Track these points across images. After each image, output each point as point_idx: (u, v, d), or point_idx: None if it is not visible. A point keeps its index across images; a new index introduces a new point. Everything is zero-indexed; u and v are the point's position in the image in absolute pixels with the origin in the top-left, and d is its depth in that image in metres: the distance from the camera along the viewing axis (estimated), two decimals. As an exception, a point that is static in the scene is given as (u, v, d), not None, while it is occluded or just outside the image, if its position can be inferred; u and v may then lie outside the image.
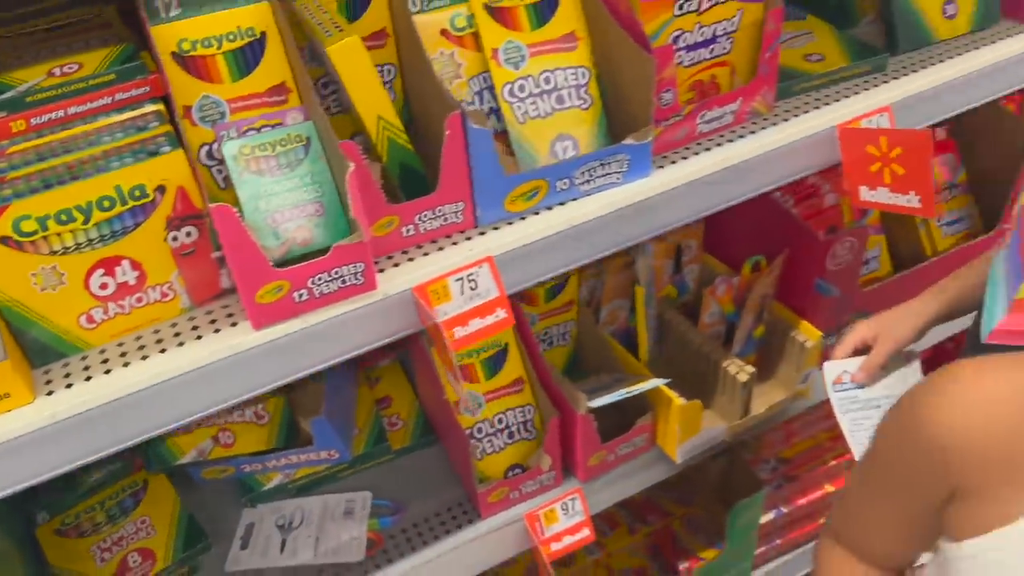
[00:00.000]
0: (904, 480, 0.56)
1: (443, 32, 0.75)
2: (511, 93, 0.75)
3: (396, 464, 0.99)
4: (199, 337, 0.64)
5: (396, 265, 0.69)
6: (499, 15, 0.75)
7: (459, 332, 0.70)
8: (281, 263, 0.63)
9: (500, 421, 0.92)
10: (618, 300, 1.02)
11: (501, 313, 0.71)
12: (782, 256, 0.96)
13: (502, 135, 0.76)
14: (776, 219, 0.99)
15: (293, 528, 0.91)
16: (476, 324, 0.70)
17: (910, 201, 0.75)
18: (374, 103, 0.68)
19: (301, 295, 0.64)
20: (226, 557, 0.90)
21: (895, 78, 0.87)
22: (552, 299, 0.98)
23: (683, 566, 1.13)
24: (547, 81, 0.76)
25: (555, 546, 0.93)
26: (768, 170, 0.81)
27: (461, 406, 0.89)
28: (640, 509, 1.24)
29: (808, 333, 0.97)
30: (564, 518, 0.93)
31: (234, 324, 0.65)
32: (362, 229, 0.63)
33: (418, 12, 0.75)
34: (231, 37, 0.67)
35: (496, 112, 0.76)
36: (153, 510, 0.89)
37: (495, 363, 0.91)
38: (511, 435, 0.92)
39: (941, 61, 0.88)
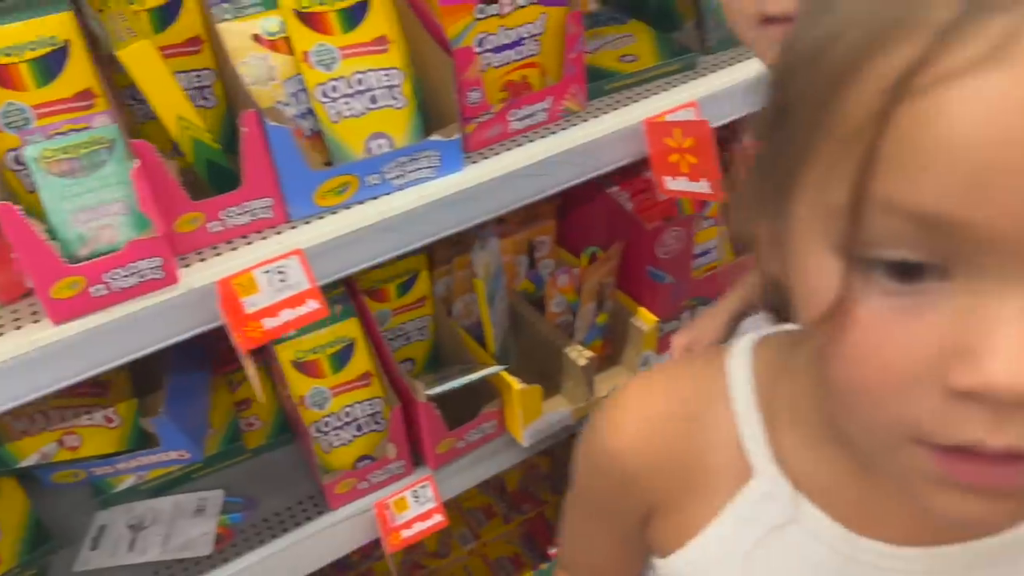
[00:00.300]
0: (603, 504, 0.56)
1: (255, 37, 0.78)
2: (324, 94, 0.78)
3: (253, 463, 1.02)
4: (1, 334, 0.66)
5: (203, 260, 0.72)
6: (309, 20, 0.78)
7: (269, 323, 0.73)
8: (79, 260, 0.66)
9: (348, 414, 0.94)
10: (469, 295, 1.06)
11: (313, 304, 0.74)
12: (616, 246, 1.01)
13: (318, 135, 0.80)
14: (613, 213, 1.04)
15: (144, 527, 0.93)
16: (287, 315, 0.73)
17: (703, 188, 0.80)
18: (172, 104, 0.70)
19: (98, 290, 0.66)
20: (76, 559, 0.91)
21: (703, 75, 0.92)
22: (404, 295, 1.02)
23: (552, 551, 1.17)
24: (360, 82, 0.79)
25: (406, 533, 0.96)
26: (579, 163, 0.85)
27: (307, 400, 0.92)
28: (516, 499, 1.27)
29: (645, 318, 1.02)
30: (415, 505, 0.96)
31: (36, 321, 0.67)
32: (154, 224, 0.65)
33: (231, 19, 0.78)
34: (33, 46, 0.70)
35: (312, 112, 0.79)
36: None
37: (341, 358, 0.93)
38: (359, 427, 0.95)
39: (748, 59, 0.94)
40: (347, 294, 0.94)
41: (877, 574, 0.45)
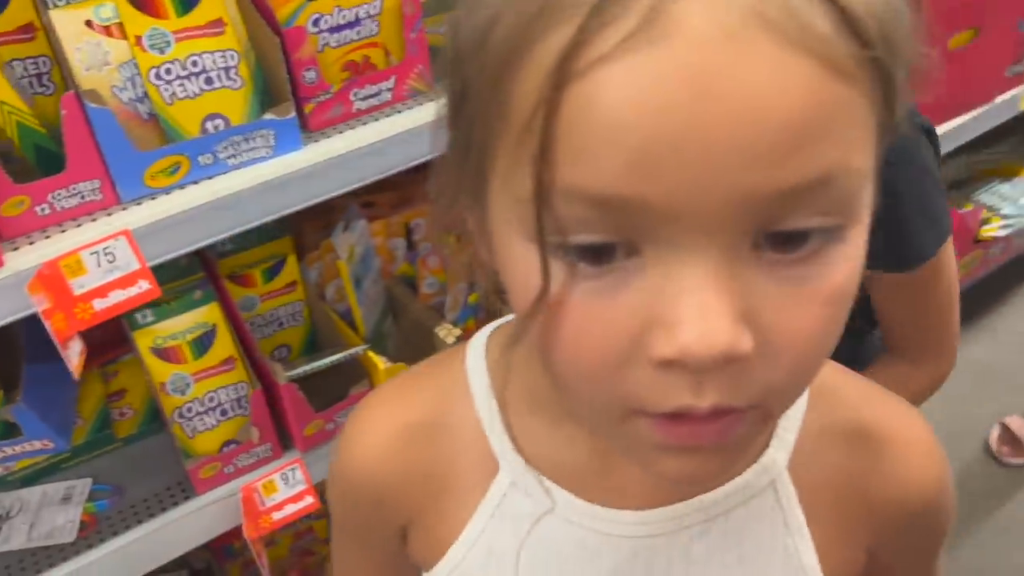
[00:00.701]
0: (359, 528, 0.55)
1: (88, 23, 0.78)
2: (157, 76, 0.79)
3: (124, 452, 1.02)
4: None
5: (31, 243, 0.73)
6: (142, 5, 0.79)
7: (99, 304, 0.73)
8: None
9: (211, 400, 0.95)
10: (340, 279, 1.07)
11: (144, 284, 0.75)
12: (482, 226, 1.03)
13: (155, 118, 0.80)
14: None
15: (10, 517, 0.93)
16: (117, 296, 0.74)
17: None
18: (-11, 89, 0.71)
19: (-85, 273, 0.67)
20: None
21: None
22: (270, 280, 1.02)
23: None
24: (195, 64, 0.80)
25: (277, 515, 0.97)
26: (425, 141, 0.87)
27: (168, 387, 0.93)
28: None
29: (514, 297, 1.04)
30: (285, 488, 0.97)
31: None
32: (-33, 206, 0.66)
33: (63, 6, 0.78)
34: None
35: (147, 96, 0.80)
36: None
37: (202, 344, 0.94)
38: (224, 412, 0.96)
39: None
40: (207, 280, 0.95)
41: (636, 543, 0.47)
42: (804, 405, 0.48)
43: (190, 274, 0.94)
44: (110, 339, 1.08)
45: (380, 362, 0.96)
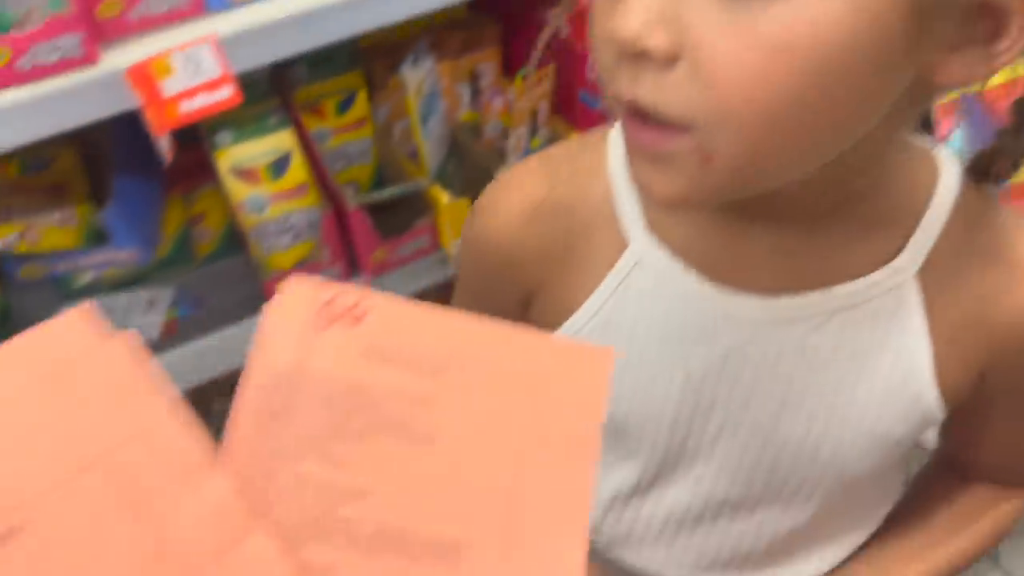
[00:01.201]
0: (483, 289, 0.58)
1: None
2: None
3: (203, 270, 1.09)
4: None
5: (124, 44, 0.77)
6: None
7: (185, 106, 0.78)
8: (0, 32, 0.71)
9: (286, 221, 1.01)
10: (407, 119, 1.10)
11: (227, 91, 0.79)
12: (548, 68, 1.04)
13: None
14: (551, 38, 1.06)
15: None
16: (202, 100, 0.79)
17: None
18: None
19: (23, 64, 0.72)
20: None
21: None
22: (342, 114, 1.06)
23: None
24: None
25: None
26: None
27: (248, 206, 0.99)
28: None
29: (576, 143, 1.06)
30: (350, 310, 1.04)
31: (-34, 91, 0.73)
32: (70, 2, 0.70)
33: None
34: None
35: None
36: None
37: (278, 167, 0.99)
38: (297, 235, 1.02)
39: None
40: (283, 107, 0.99)
41: (756, 328, 0.50)
42: (944, 218, 0.48)
43: (268, 100, 0.98)
44: (191, 169, 1.14)
45: (444, 196, 1.00)
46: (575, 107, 1.06)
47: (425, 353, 0.31)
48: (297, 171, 1.00)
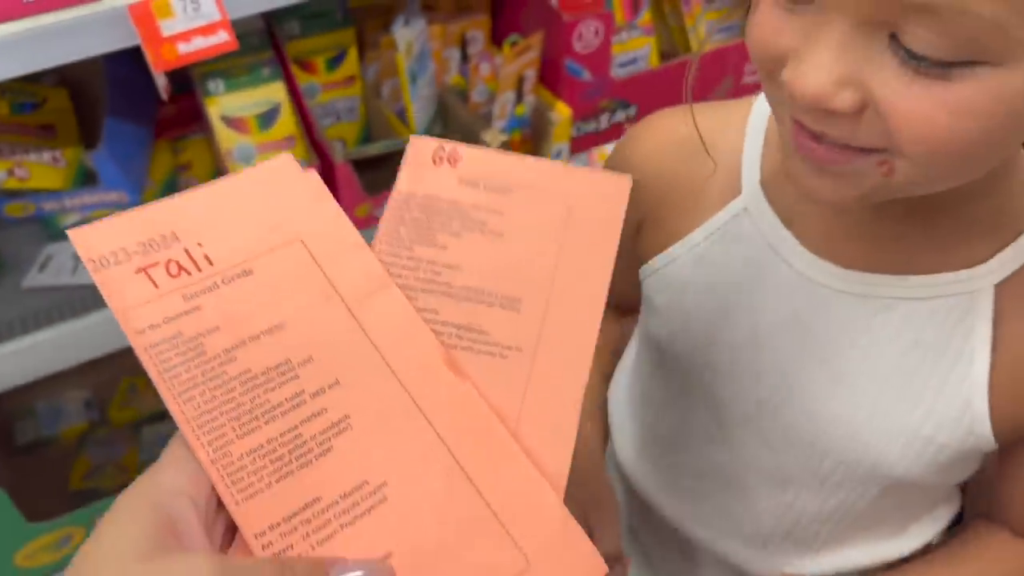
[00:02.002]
0: None
1: None
2: None
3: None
4: (-63, 28, 0.74)
5: (126, -16, 0.79)
6: None
7: (183, 47, 0.80)
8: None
9: (273, 171, 1.03)
10: (396, 79, 1.12)
11: (223, 35, 0.81)
12: (537, 35, 1.07)
13: None
14: (539, 6, 1.09)
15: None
16: (199, 42, 0.81)
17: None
18: None
19: (27, -5, 0.74)
20: (26, 281, 1.02)
21: None
22: (332, 70, 1.09)
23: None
24: None
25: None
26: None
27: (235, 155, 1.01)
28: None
29: (560, 111, 1.09)
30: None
31: (-30, 19, 0.75)
32: (74, -67, 0.72)
33: None
34: None
35: None
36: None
37: (268, 119, 1.01)
38: (283, 185, 1.04)
39: None
40: (275, 59, 1.01)
41: (829, 294, 0.52)
42: None
43: (261, 52, 1.00)
44: (181, 118, 1.16)
45: (428, 154, 1.03)
46: (561, 76, 1.10)
47: (499, 180, 0.45)
48: (286, 123, 1.02)
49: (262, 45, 1.01)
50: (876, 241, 0.50)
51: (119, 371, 1.31)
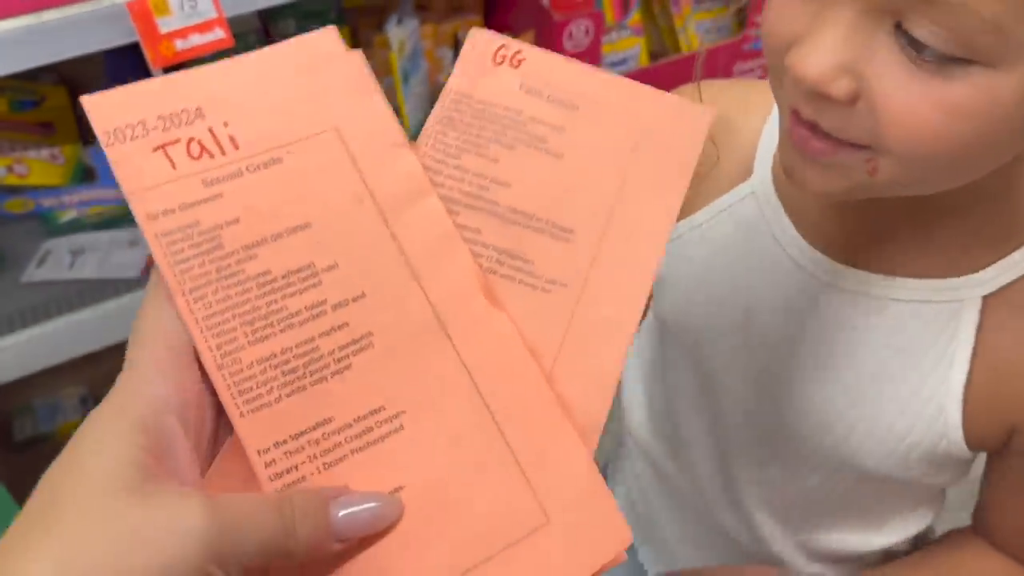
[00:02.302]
0: None
1: None
2: None
3: (186, 211, 1.13)
4: (-61, 24, 0.76)
5: (124, -18, 0.81)
6: None
7: (180, 44, 0.82)
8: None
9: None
10: (389, 77, 1.14)
11: (219, 32, 0.83)
12: (528, 34, 1.09)
13: None
14: (531, 6, 1.11)
15: (83, 253, 1.05)
16: (195, 39, 0.83)
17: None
18: None
19: (28, -8, 0.76)
20: (25, 277, 1.03)
21: None
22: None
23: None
24: None
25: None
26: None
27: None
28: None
29: (550, 108, 1.11)
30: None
31: (-29, 16, 0.76)
32: (73, -68, 0.74)
33: None
34: None
35: None
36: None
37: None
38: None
39: None
40: (272, 57, 1.03)
41: (824, 287, 0.52)
42: None
43: (248, 39, 1.02)
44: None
45: (421, 151, 1.04)
46: (551, 74, 1.11)
47: (565, 92, 0.41)
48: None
49: (258, 43, 1.02)
50: (872, 240, 0.51)
51: (116, 366, 1.32)
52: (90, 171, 1.06)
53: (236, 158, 0.36)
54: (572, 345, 0.37)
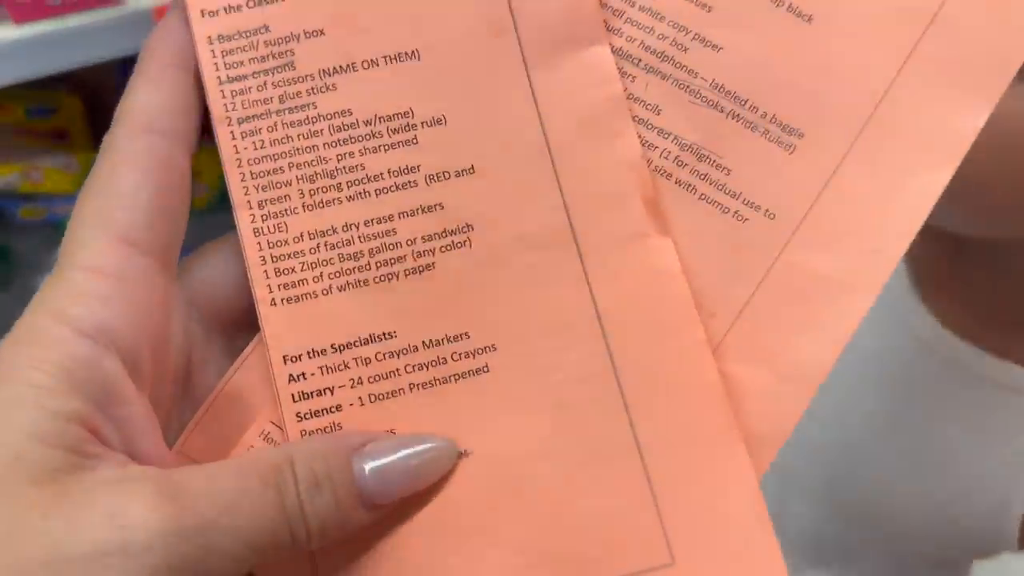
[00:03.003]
0: None
1: None
2: None
3: (197, 221, 1.14)
4: (-33, 29, 0.77)
5: (148, -11, 0.83)
6: None
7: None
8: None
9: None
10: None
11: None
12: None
13: None
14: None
15: (97, 260, 1.06)
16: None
17: None
18: None
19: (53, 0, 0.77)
20: (38, 284, 1.04)
21: None
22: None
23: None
24: None
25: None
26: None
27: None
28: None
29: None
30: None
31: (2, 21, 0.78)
32: (102, -61, 0.76)
33: None
34: None
35: None
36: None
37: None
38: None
39: None
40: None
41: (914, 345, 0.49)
42: None
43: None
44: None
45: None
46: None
47: None
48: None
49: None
50: (969, 301, 0.46)
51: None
52: (105, 178, 1.07)
53: None
54: (765, 308, 0.26)
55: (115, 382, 0.21)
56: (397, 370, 0.25)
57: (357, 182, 0.26)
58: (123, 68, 1.06)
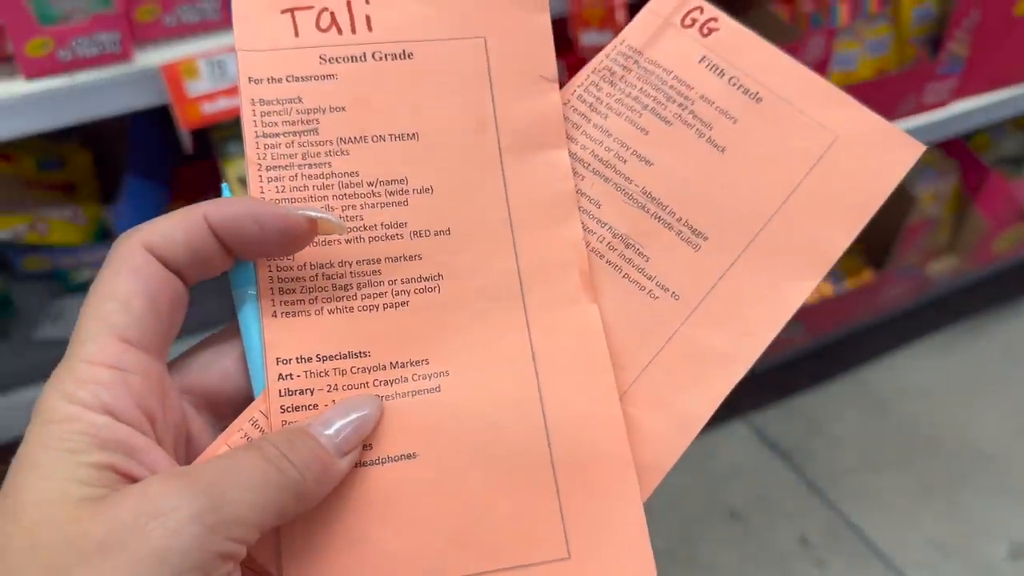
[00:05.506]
0: None
1: None
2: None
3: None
4: (-21, 84, 0.79)
5: (156, 47, 0.85)
6: None
7: (208, 107, 0.85)
8: (47, 24, 0.78)
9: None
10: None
11: (247, 96, 0.86)
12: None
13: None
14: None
15: (98, 312, 1.06)
16: (224, 103, 0.86)
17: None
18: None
19: (64, 55, 0.79)
20: (38, 334, 1.04)
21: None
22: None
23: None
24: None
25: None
26: None
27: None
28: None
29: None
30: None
31: (12, 77, 0.80)
32: (115, 2, 0.78)
33: None
34: None
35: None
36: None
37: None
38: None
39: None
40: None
41: None
42: None
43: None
44: (195, 182, 1.21)
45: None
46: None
47: (753, 79, 0.35)
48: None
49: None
50: None
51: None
52: (109, 231, 1.08)
53: (365, 40, 0.33)
54: (663, 367, 0.32)
55: (132, 438, 0.26)
56: (367, 383, 0.31)
57: (355, 229, 0.32)
58: (132, 122, 1.08)
